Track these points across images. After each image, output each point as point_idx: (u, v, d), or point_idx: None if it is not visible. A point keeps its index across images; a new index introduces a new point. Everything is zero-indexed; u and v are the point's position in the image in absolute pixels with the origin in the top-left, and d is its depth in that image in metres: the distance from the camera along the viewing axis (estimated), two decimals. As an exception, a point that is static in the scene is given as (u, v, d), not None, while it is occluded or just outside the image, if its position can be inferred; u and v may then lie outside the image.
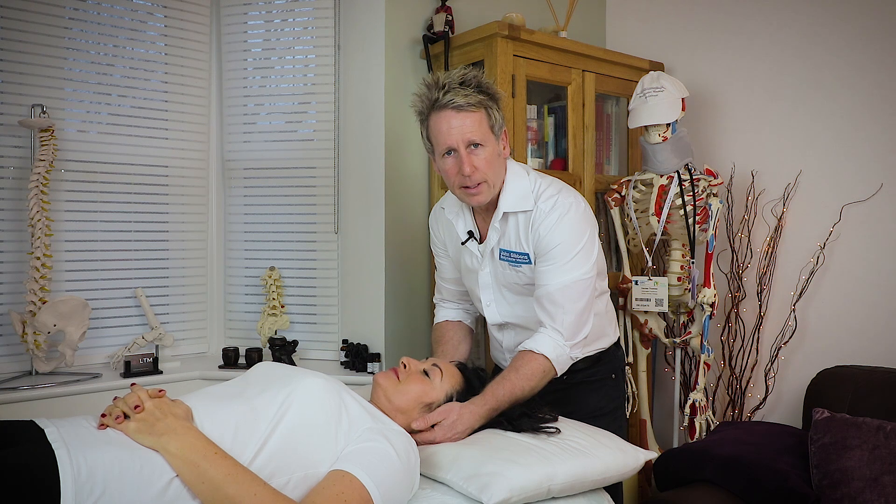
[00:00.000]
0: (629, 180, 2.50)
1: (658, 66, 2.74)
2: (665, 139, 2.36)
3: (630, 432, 2.54)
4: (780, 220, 2.56)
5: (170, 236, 2.53)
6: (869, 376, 2.10)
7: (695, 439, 2.40)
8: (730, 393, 2.62)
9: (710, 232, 2.40)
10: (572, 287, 1.65)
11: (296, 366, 1.97)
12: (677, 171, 2.37)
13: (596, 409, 1.84)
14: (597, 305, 1.78)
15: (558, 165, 2.54)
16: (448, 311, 2.00)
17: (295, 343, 2.42)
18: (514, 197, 1.71)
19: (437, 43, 2.44)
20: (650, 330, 2.55)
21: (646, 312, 2.54)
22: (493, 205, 1.73)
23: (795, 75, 2.55)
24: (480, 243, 1.80)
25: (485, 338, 2.27)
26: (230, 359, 2.39)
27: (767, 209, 2.60)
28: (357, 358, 2.39)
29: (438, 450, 1.46)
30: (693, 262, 2.44)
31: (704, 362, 2.43)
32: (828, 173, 2.47)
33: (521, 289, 1.77)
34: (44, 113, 2.19)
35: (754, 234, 2.62)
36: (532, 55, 2.37)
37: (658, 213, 2.40)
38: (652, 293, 2.44)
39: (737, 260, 2.64)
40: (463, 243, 1.81)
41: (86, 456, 1.08)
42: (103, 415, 1.21)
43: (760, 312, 2.58)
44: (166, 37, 2.50)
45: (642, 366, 2.60)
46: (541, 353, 1.65)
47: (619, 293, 2.56)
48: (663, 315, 2.60)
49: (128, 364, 2.25)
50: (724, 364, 2.65)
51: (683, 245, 2.46)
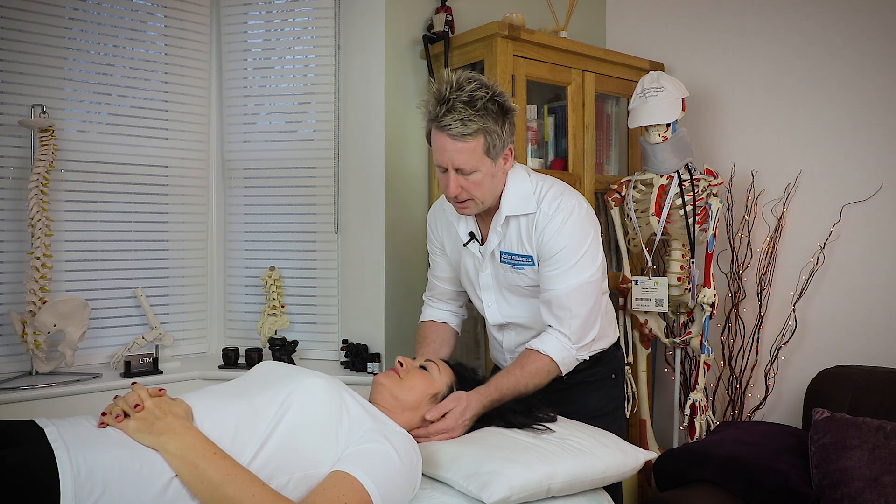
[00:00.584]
0: (629, 180, 2.50)
1: (658, 66, 2.74)
2: (665, 139, 2.35)
3: (630, 432, 2.54)
4: (780, 220, 2.56)
5: (170, 236, 2.53)
6: (869, 376, 2.10)
7: (695, 439, 2.40)
8: (730, 393, 2.62)
9: (710, 232, 2.40)
10: (579, 290, 1.66)
11: (296, 366, 1.97)
12: (677, 171, 2.37)
13: (596, 409, 1.83)
14: (597, 305, 1.78)
15: (558, 165, 2.54)
16: (435, 311, 1.99)
17: (295, 343, 2.42)
18: (516, 199, 1.70)
19: (437, 43, 2.44)
20: (650, 330, 2.55)
21: (646, 312, 2.54)
22: (495, 207, 1.73)
23: (795, 75, 2.55)
24: (481, 244, 1.80)
25: (484, 338, 2.27)
26: (230, 359, 2.39)
27: (767, 209, 2.60)
28: (357, 358, 2.39)
29: (438, 448, 1.47)
30: (693, 262, 2.44)
31: (704, 362, 2.43)
32: (828, 173, 2.47)
33: (522, 290, 1.77)
34: (44, 113, 2.19)
35: (754, 234, 2.62)
36: (532, 55, 2.37)
37: (658, 213, 2.39)
38: (652, 293, 2.44)
39: (737, 260, 2.64)
40: (464, 245, 1.81)
41: (85, 456, 1.08)
42: (104, 413, 1.21)
43: (760, 312, 2.58)
44: (166, 37, 2.50)
45: (642, 366, 2.60)
46: (547, 354, 1.66)
47: (619, 293, 2.56)
48: (663, 315, 2.60)
49: (128, 364, 2.25)
50: (724, 364, 2.65)
51: (683, 245, 2.46)
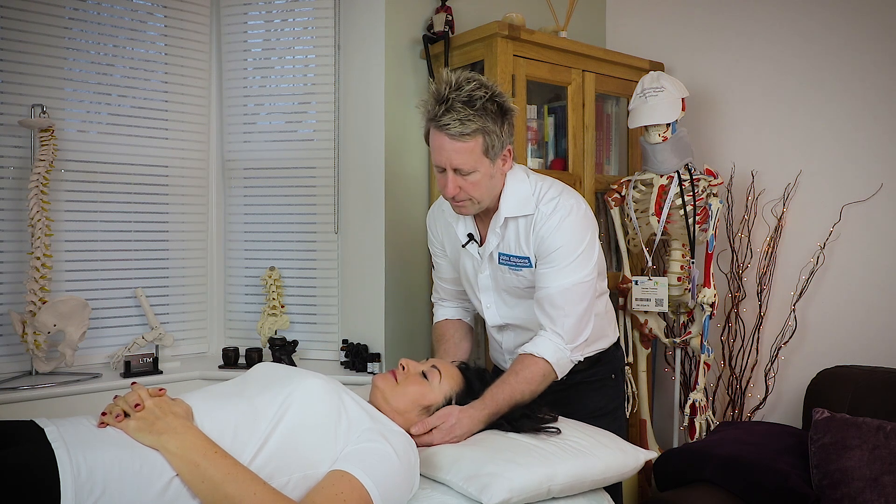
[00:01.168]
0: (629, 180, 2.50)
1: (658, 66, 2.74)
2: (665, 139, 2.35)
3: (630, 432, 2.54)
4: (780, 220, 2.56)
5: (170, 236, 2.53)
6: (869, 376, 2.10)
7: (695, 439, 2.40)
8: (730, 393, 2.62)
9: (710, 232, 2.40)
10: (573, 290, 1.65)
11: (296, 366, 1.97)
12: (677, 171, 2.37)
13: (596, 409, 1.83)
14: (597, 306, 1.78)
15: (558, 165, 2.54)
16: (447, 310, 2.00)
17: (295, 343, 2.42)
18: (515, 201, 1.70)
19: (437, 43, 2.44)
20: (650, 330, 2.55)
21: (646, 312, 2.54)
22: (494, 208, 1.72)
23: (795, 75, 2.55)
24: (480, 245, 1.79)
25: (484, 339, 2.27)
26: (230, 359, 2.39)
27: (767, 209, 2.60)
28: (357, 358, 2.39)
29: (438, 450, 1.46)
30: (693, 262, 2.44)
31: (704, 362, 2.43)
32: (828, 173, 2.47)
33: (521, 292, 1.77)
34: (44, 113, 2.19)
35: (754, 234, 2.62)
36: (532, 55, 2.37)
37: (658, 213, 2.39)
38: (652, 293, 2.44)
39: (737, 260, 2.64)
40: (463, 246, 1.81)
41: (85, 456, 1.08)
42: (104, 413, 1.21)
43: (760, 312, 2.58)
44: (166, 37, 2.50)
45: (642, 366, 2.60)
46: (541, 356, 1.64)
47: (619, 293, 2.56)
48: (663, 315, 2.60)
49: (128, 364, 2.25)
50: (724, 364, 2.64)
51: (683, 245, 2.46)
